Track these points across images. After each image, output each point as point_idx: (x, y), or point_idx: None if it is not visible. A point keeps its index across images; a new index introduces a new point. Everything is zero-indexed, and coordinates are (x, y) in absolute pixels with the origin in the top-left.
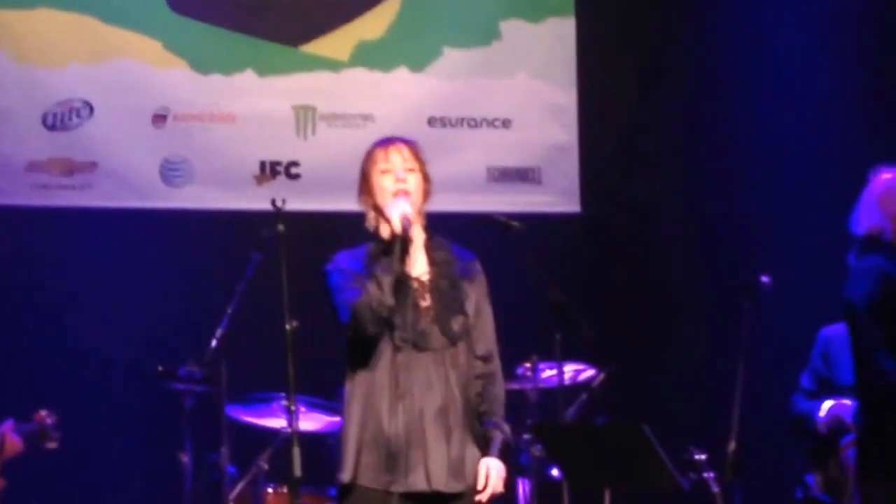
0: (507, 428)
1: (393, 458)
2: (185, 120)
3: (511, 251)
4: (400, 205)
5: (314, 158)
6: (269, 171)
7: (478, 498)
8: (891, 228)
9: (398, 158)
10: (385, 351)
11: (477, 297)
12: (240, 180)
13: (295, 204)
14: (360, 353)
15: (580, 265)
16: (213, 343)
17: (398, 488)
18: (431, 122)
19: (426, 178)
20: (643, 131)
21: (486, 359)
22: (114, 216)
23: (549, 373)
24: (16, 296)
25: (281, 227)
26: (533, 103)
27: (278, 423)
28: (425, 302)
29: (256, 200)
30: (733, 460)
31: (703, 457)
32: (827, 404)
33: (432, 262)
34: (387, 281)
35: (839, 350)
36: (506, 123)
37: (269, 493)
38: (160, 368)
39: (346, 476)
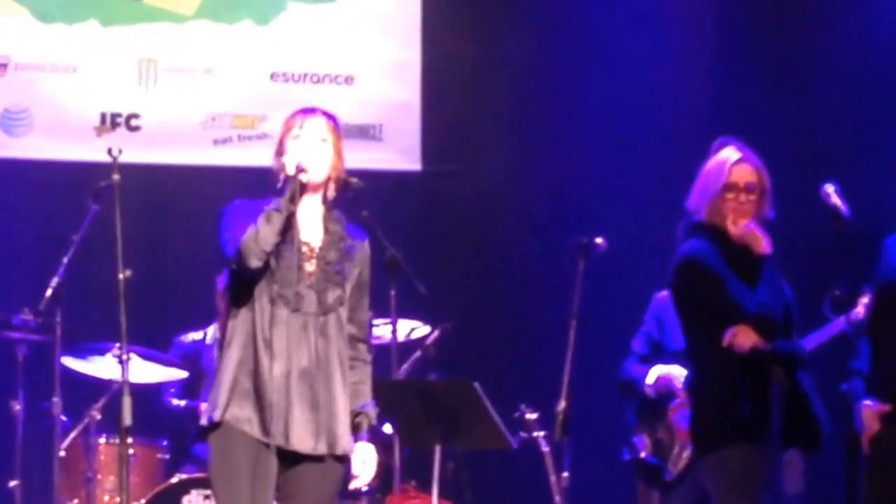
0: (374, 412)
1: (259, 408)
2: (26, 69)
3: (349, 207)
4: (298, 151)
5: (155, 111)
6: (110, 122)
7: (354, 485)
8: (704, 212)
9: (312, 127)
10: (262, 300)
11: (359, 279)
12: (80, 131)
13: (134, 155)
14: (240, 296)
15: (419, 222)
16: (49, 292)
17: (261, 437)
18: (274, 76)
19: (338, 153)
20: (485, 90)
21: (360, 342)
22: None
23: (383, 329)
24: None
25: (116, 177)
26: (376, 60)
27: (112, 372)
28: (310, 267)
29: (96, 151)
30: (563, 419)
31: (533, 415)
32: (655, 370)
33: (326, 231)
34: (275, 217)
35: (673, 315)
36: (348, 80)
37: (101, 444)
38: None
39: (217, 414)
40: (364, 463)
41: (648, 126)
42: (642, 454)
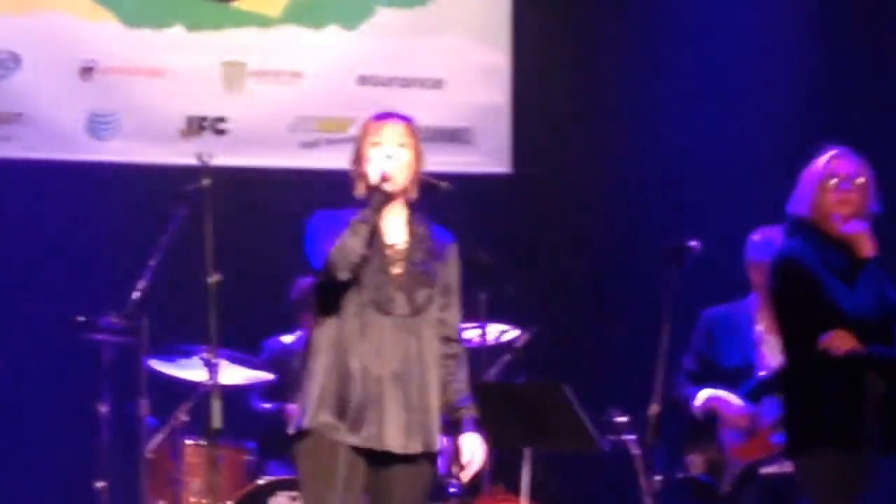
0: (474, 406)
1: (350, 412)
2: (112, 73)
3: (438, 211)
4: (380, 161)
5: (242, 114)
6: (196, 125)
7: (463, 476)
8: (806, 210)
9: (390, 133)
10: (351, 307)
11: (448, 279)
12: (166, 135)
13: (220, 159)
14: (328, 305)
15: (509, 226)
16: (135, 295)
17: (352, 442)
18: (362, 80)
19: (418, 155)
20: (576, 93)
21: (453, 341)
22: (38, 168)
23: (473, 332)
24: None
25: (206, 181)
26: (465, 64)
27: (198, 375)
28: (397, 270)
29: (182, 155)
30: (655, 423)
31: (624, 419)
32: (704, 393)
33: (411, 233)
34: (361, 229)
35: (722, 332)
36: (437, 84)
37: (187, 446)
38: (81, 319)
39: (305, 422)
40: (472, 453)
41: (744, 127)
42: (694, 473)
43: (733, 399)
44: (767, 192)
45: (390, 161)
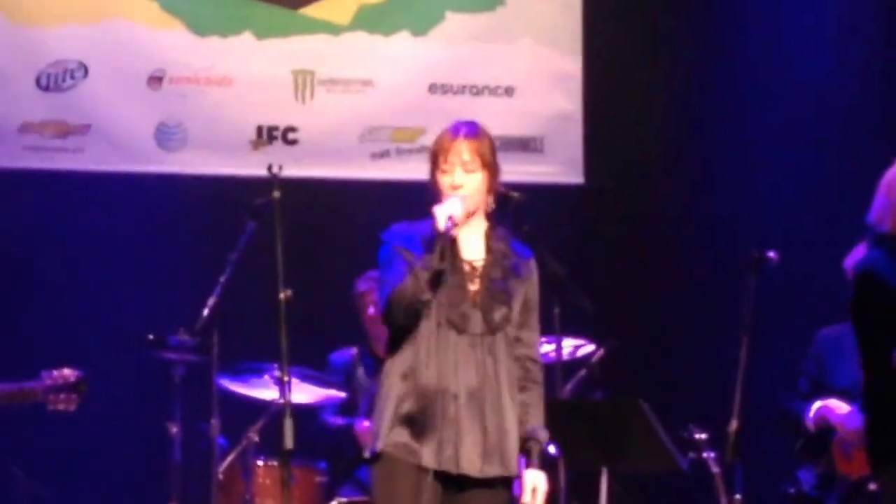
0: (545, 434)
1: (425, 434)
2: (181, 83)
3: (509, 222)
4: (450, 202)
5: (312, 124)
6: (266, 136)
7: None
8: (887, 222)
9: (457, 159)
10: (426, 327)
11: (526, 297)
12: (236, 145)
13: (291, 170)
14: (401, 332)
15: (582, 237)
16: (206, 312)
17: (428, 464)
18: (432, 88)
19: (491, 171)
20: (649, 101)
21: (532, 361)
22: (107, 179)
23: (547, 348)
24: (4, 259)
25: (277, 194)
26: (537, 71)
27: (269, 394)
28: (473, 286)
29: (252, 166)
30: (735, 440)
31: (703, 436)
32: (816, 405)
33: (489, 250)
34: (423, 276)
35: (832, 352)
36: (508, 91)
37: (259, 466)
38: (150, 336)
39: (379, 445)
40: (535, 491)
41: (823, 136)
42: (806, 488)
43: (843, 406)
44: (846, 203)
45: (457, 199)
